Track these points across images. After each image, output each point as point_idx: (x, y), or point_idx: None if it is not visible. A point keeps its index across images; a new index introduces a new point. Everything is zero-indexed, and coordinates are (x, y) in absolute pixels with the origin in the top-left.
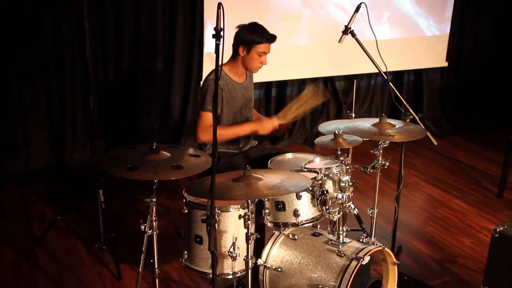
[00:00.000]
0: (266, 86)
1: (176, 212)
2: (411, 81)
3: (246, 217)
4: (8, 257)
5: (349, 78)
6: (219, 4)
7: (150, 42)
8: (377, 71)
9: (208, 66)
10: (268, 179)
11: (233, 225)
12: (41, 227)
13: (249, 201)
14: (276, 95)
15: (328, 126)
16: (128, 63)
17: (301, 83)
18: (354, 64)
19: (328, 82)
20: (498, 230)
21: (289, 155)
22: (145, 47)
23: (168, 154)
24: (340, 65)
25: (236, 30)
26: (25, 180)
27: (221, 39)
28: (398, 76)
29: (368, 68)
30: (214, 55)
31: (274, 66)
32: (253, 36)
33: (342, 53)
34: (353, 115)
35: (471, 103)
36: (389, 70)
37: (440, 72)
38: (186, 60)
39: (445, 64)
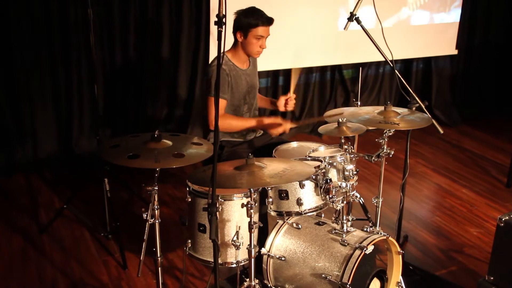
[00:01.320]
0: (273, 74)
1: (182, 201)
2: (420, 69)
3: (249, 205)
4: (16, 244)
5: (357, 67)
6: None
7: (156, 29)
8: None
9: (214, 53)
10: (271, 167)
11: (237, 214)
12: (48, 215)
13: (251, 189)
14: (283, 83)
15: (333, 114)
16: (135, 50)
17: (309, 71)
18: (362, 52)
19: (336, 70)
20: (503, 219)
21: (293, 144)
22: (152, 34)
23: (170, 142)
24: (348, 54)
25: (234, 16)
26: (32, 168)
27: (224, 26)
28: (407, 64)
29: (376, 56)
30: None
31: (281, 55)
32: (249, 20)
33: (349, 41)
34: (359, 103)
35: (480, 92)
36: (397, 58)
37: (450, 60)
38: (193, 47)
39: (455, 52)
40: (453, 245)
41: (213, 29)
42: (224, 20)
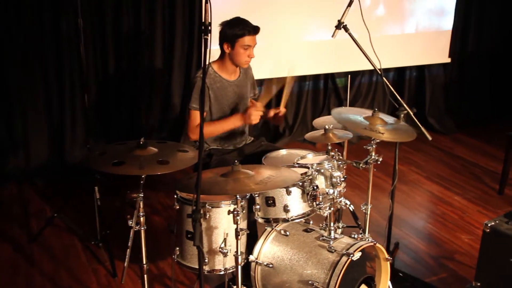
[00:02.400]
0: (266, 83)
1: (174, 209)
2: (414, 78)
3: (235, 212)
4: (5, 253)
5: (350, 75)
6: None
7: (149, 39)
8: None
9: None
10: (257, 174)
11: (224, 221)
12: (39, 224)
13: (238, 196)
14: (277, 92)
15: (322, 121)
16: (128, 60)
17: (302, 80)
18: (355, 60)
19: (329, 78)
20: (489, 225)
21: (283, 151)
22: (145, 44)
23: (156, 149)
24: (341, 62)
25: (219, 27)
26: (24, 177)
27: (209, 34)
28: (400, 72)
29: (369, 64)
30: (213, 51)
31: (273, 63)
32: (234, 31)
33: (342, 50)
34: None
35: (474, 100)
36: (391, 66)
37: (443, 68)
38: (185, 57)
39: (448, 60)
40: (444, 252)
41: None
42: (209, 27)
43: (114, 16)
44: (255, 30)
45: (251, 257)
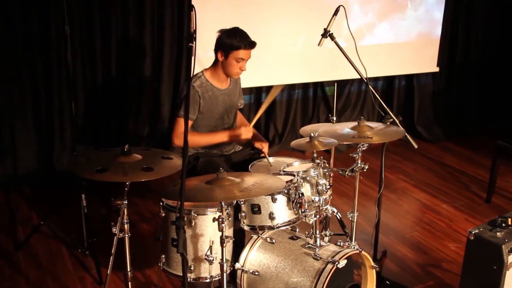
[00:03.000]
0: (256, 91)
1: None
2: (402, 86)
3: (220, 219)
4: None
5: (339, 83)
6: (191, 6)
7: (138, 47)
8: (369, 75)
9: (196, 71)
10: (242, 181)
11: (210, 229)
12: (26, 232)
13: (222, 203)
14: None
15: (310, 129)
16: (117, 67)
17: (291, 88)
18: (345, 69)
19: (318, 87)
20: (473, 232)
21: (270, 159)
22: (134, 52)
23: (140, 156)
24: (330, 70)
25: (217, 34)
26: (12, 185)
27: (194, 42)
28: (389, 81)
29: (356, 73)
30: (202, 59)
31: (264, 71)
32: (231, 41)
33: (332, 58)
34: (335, 118)
35: (463, 109)
36: (380, 75)
37: (432, 77)
38: (175, 65)
39: (436, 69)
40: (431, 260)
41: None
42: (194, 35)
43: (103, 24)
44: (251, 45)
45: (237, 265)
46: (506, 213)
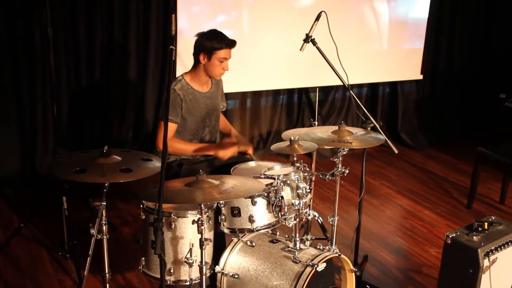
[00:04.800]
0: (241, 96)
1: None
2: (387, 93)
3: (200, 222)
4: None
5: (324, 90)
6: (172, 10)
7: (123, 51)
8: (354, 82)
9: (180, 72)
10: (221, 184)
11: (190, 231)
12: (6, 235)
13: (202, 205)
14: (251, 105)
15: (291, 133)
16: (101, 71)
17: (276, 93)
18: (329, 75)
19: (303, 93)
20: (450, 236)
21: (252, 163)
22: (118, 55)
23: (119, 158)
24: (314, 77)
25: (195, 38)
26: None
27: (175, 44)
28: (373, 88)
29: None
30: (186, 63)
31: (249, 77)
32: (212, 43)
33: (316, 65)
34: (316, 123)
35: (446, 116)
36: (364, 81)
37: (416, 85)
38: (160, 69)
39: (420, 77)
40: (412, 265)
41: (180, 51)
42: (175, 39)
43: (87, 27)
44: (232, 43)
45: (217, 268)
46: None
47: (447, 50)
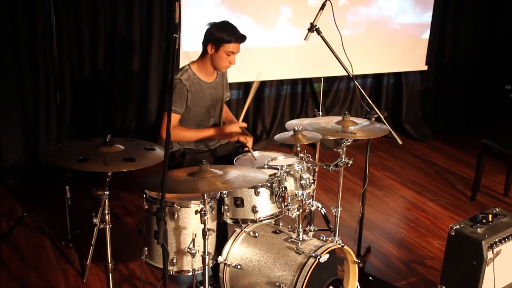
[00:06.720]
0: (245, 86)
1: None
2: (391, 84)
3: (202, 212)
4: None
5: (328, 80)
6: None
7: (126, 40)
8: (358, 73)
9: (183, 65)
10: (225, 174)
11: (193, 221)
12: (9, 224)
13: (205, 195)
14: (254, 95)
15: (295, 124)
16: (104, 61)
17: (280, 84)
18: (333, 66)
19: (307, 83)
20: (454, 228)
21: (255, 153)
22: (122, 46)
23: (122, 147)
24: (318, 67)
25: (207, 27)
26: None
27: (179, 33)
28: (378, 78)
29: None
30: (191, 53)
31: (252, 67)
32: (222, 35)
33: (321, 55)
34: (320, 113)
35: (451, 107)
36: (369, 72)
37: (420, 76)
38: (163, 59)
39: (425, 68)
40: (414, 257)
41: (183, 41)
42: (179, 27)
43: (91, 17)
44: (242, 38)
45: (220, 258)
46: None
47: (451, 41)
